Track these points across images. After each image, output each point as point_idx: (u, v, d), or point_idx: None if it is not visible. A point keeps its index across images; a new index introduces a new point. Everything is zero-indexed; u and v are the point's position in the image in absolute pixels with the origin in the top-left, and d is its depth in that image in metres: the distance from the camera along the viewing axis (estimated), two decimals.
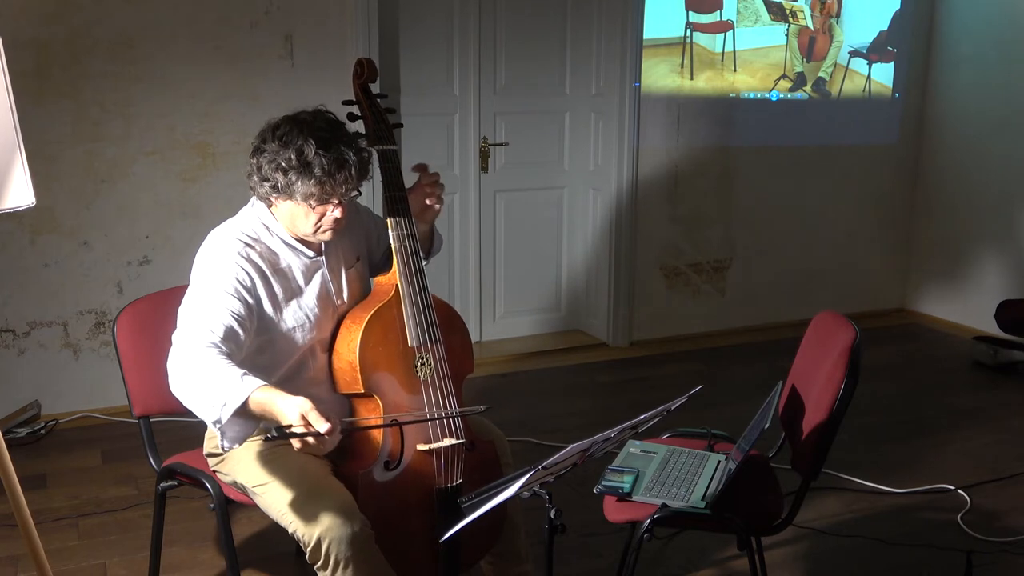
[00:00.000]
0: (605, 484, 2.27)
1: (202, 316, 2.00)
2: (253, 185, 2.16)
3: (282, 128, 2.10)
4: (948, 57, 5.66)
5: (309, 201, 2.09)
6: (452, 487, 2.21)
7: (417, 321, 2.21)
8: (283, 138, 2.08)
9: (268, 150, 2.09)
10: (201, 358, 1.91)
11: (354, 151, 2.10)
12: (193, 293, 2.07)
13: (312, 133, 2.08)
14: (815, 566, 2.93)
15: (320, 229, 2.15)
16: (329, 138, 2.08)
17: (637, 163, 5.04)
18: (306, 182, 2.06)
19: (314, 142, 2.06)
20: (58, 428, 3.95)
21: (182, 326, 2.02)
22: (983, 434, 4.02)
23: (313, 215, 2.12)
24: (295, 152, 2.06)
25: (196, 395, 1.89)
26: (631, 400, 4.35)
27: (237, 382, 1.86)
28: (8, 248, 3.88)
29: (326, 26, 4.21)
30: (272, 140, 2.09)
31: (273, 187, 2.10)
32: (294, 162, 2.05)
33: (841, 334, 2.28)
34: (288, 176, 2.07)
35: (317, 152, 2.05)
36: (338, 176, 2.07)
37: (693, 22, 5.09)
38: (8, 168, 1.78)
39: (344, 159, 2.07)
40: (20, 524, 2.00)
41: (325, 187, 2.07)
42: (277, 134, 2.10)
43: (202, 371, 1.89)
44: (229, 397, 1.85)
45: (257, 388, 1.85)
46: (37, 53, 3.77)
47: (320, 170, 2.05)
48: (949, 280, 5.76)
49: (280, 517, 2.09)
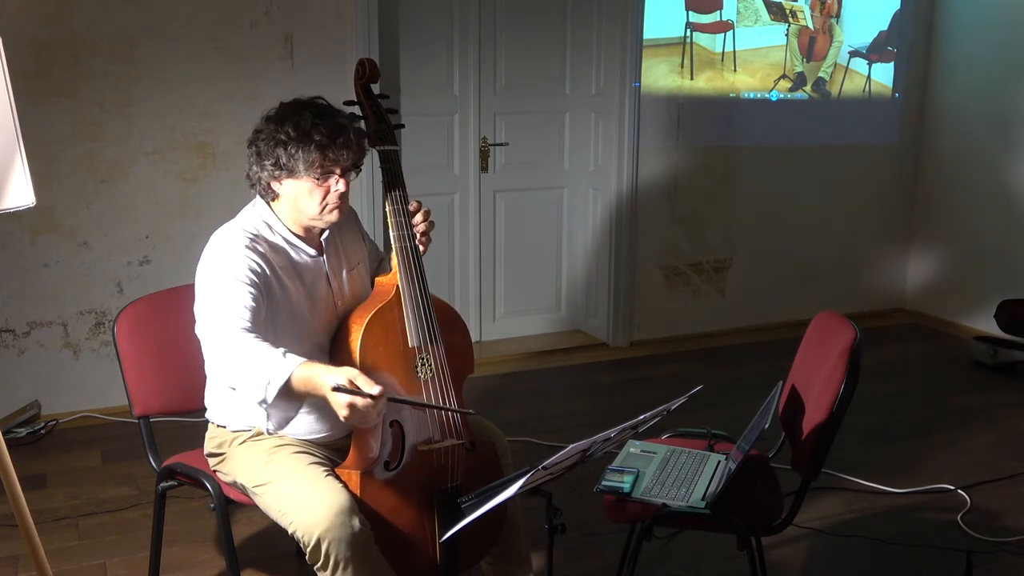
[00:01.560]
0: (605, 484, 2.27)
1: (227, 306, 2.01)
2: (253, 176, 2.18)
3: (277, 111, 2.16)
4: (948, 57, 5.66)
5: (313, 173, 2.10)
6: (452, 487, 2.21)
7: (417, 322, 2.21)
8: (279, 117, 2.13)
9: (265, 130, 2.14)
10: (239, 342, 1.93)
11: (348, 119, 2.16)
12: (210, 288, 2.07)
13: (307, 107, 2.14)
14: (815, 566, 2.93)
15: (327, 207, 2.16)
16: (324, 109, 2.14)
17: (637, 163, 5.04)
18: (308, 150, 2.09)
19: (310, 114, 2.11)
20: (58, 428, 3.95)
21: (208, 320, 2.02)
22: (983, 434, 4.02)
23: (318, 191, 2.13)
24: (292, 125, 2.10)
25: (241, 379, 1.90)
26: (631, 400, 4.35)
27: (280, 360, 1.88)
28: (8, 248, 3.88)
29: (326, 26, 4.21)
30: (269, 122, 2.14)
31: (275, 164, 2.12)
32: (293, 134, 2.09)
33: (841, 334, 2.29)
34: (288, 149, 2.10)
35: (314, 122, 2.09)
36: (338, 140, 2.10)
37: (693, 22, 5.09)
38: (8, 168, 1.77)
39: (342, 125, 2.12)
40: (20, 524, 2.00)
41: (328, 154, 2.10)
42: (273, 116, 2.15)
43: (243, 355, 1.91)
44: (273, 375, 1.86)
45: (300, 364, 1.87)
46: (37, 53, 3.77)
47: (320, 135, 2.08)
48: (949, 280, 5.76)
49: (280, 517, 2.09)
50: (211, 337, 2.00)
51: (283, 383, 1.85)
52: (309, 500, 2.04)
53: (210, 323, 2.01)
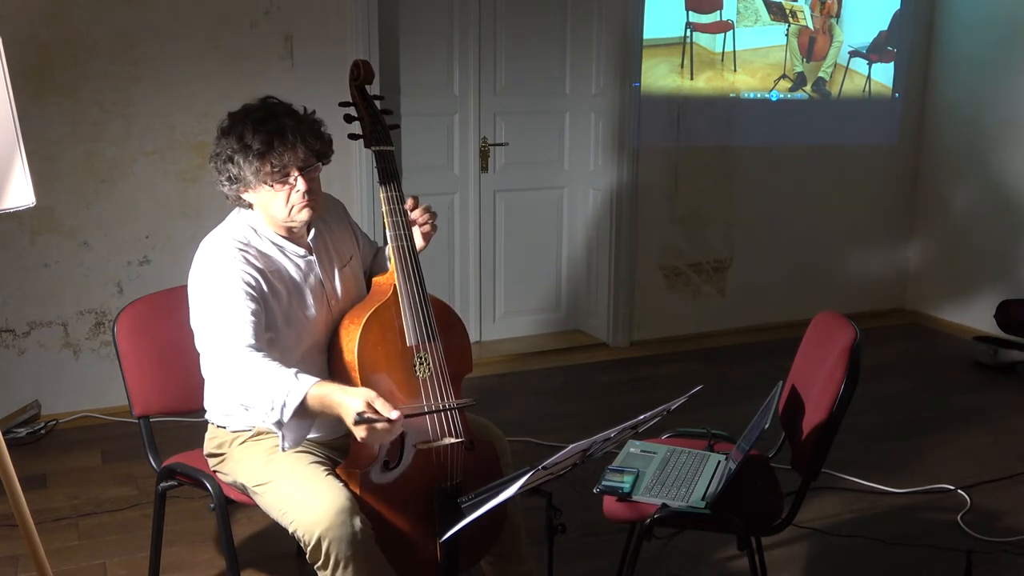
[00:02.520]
0: (605, 484, 2.27)
1: (229, 323, 2.01)
2: (223, 191, 2.18)
3: (226, 123, 2.16)
4: (948, 57, 5.66)
5: (264, 181, 2.10)
6: (452, 486, 2.21)
7: (415, 320, 2.21)
8: (226, 131, 2.13)
9: (217, 146, 2.15)
10: (248, 363, 1.94)
11: (292, 119, 2.12)
12: (207, 304, 2.07)
13: (248, 116, 2.12)
14: (815, 566, 2.93)
15: (293, 208, 2.15)
16: (264, 116, 2.12)
17: (637, 163, 5.04)
18: (250, 161, 2.08)
19: (251, 122, 2.10)
20: (58, 428, 3.95)
21: (210, 338, 2.03)
22: (983, 434, 4.02)
23: (280, 195, 2.13)
24: (236, 137, 2.10)
25: (253, 400, 1.92)
26: (631, 400, 4.35)
27: (292, 381, 1.89)
28: (8, 248, 3.88)
29: (326, 26, 4.21)
30: (219, 137, 2.15)
31: (230, 180, 2.14)
32: (236, 146, 2.09)
33: (841, 334, 2.28)
34: (236, 161, 2.10)
35: (254, 131, 2.08)
36: (276, 144, 2.08)
37: (693, 22, 5.09)
38: (8, 168, 1.77)
39: (281, 128, 2.09)
40: (20, 524, 2.00)
41: (270, 159, 2.08)
42: (222, 129, 2.15)
43: (253, 375, 1.92)
44: (288, 397, 1.87)
45: (314, 384, 1.88)
46: (37, 53, 3.77)
47: (258, 143, 2.07)
48: (949, 280, 5.76)
49: (280, 517, 2.09)
50: (216, 356, 2.00)
51: (298, 404, 1.87)
52: (309, 499, 2.04)
53: (213, 341, 2.02)
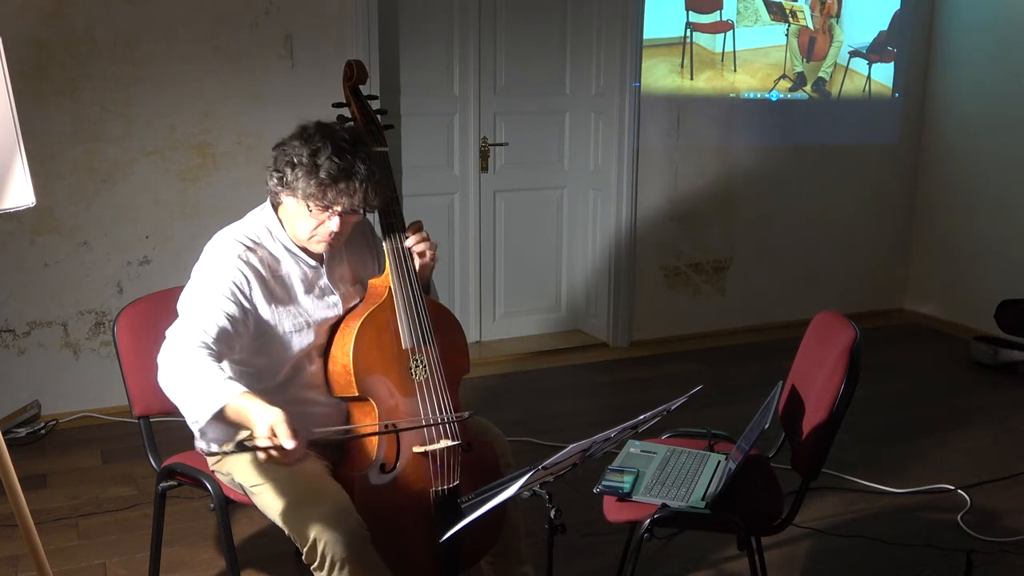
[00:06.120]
0: (605, 484, 2.27)
1: (196, 315, 2.03)
2: (267, 180, 2.18)
3: (311, 128, 2.13)
4: (948, 57, 5.66)
5: (308, 202, 2.10)
6: (449, 489, 2.21)
7: (410, 322, 2.21)
8: (307, 137, 2.11)
9: (289, 145, 2.12)
10: (190, 358, 1.93)
11: (367, 168, 2.10)
12: (191, 290, 2.10)
13: (333, 139, 2.09)
14: (815, 566, 2.93)
15: (315, 238, 2.16)
16: (347, 148, 2.09)
17: (637, 163, 5.04)
18: (309, 181, 2.07)
19: (331, 147, 2.07)
20: (58, 428, 3.95)
21: (177, 323, 2.04)
22: (983, 434, 4.02)
23: (311, 220, 2.13)
24: (310, 151, 2.08)
25: (181, 394, 1.92)
26: (631, 400, 4.35)
27: (219, 386, 1.88)
28: (8, 248, 3.88)
29: (326, 26, 4.21)
30: (294, 137, 2.13)
31: (280, 179, 2.13)
32: (305, 159, 2.07)
33: (841, 334, 2.28)
34: (295, 171, 2.08)
35: (330, 156, 2.06)
36: (341, 184, 2.07)
37: (693, 22, 5.09)
38: (8, 168, 1.77)
39: (353, 170, 2.07)
40: (20, 524, 2.00)
41: (327, 192, 2.07)
42: (305, 132, 2.12)
43: (189, 371, 1.92)
44: (209, 400, 1.87)
45: (237, 394, 1.86)
46: (37, 53, 3.77)
47: (326, 173, 2.06)
48: (949, 280, 5.75)
49: (277, 518, 2.09)
50: (169, 343, 1.99)
51: (215, 411, 1.86)
52: (305, 501, 2.04)
53: (175, 328, 2.02)
